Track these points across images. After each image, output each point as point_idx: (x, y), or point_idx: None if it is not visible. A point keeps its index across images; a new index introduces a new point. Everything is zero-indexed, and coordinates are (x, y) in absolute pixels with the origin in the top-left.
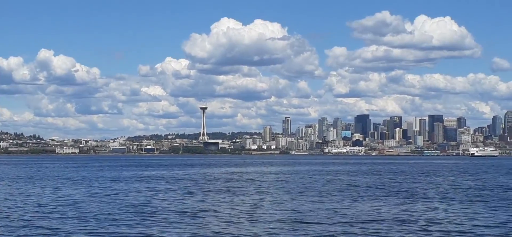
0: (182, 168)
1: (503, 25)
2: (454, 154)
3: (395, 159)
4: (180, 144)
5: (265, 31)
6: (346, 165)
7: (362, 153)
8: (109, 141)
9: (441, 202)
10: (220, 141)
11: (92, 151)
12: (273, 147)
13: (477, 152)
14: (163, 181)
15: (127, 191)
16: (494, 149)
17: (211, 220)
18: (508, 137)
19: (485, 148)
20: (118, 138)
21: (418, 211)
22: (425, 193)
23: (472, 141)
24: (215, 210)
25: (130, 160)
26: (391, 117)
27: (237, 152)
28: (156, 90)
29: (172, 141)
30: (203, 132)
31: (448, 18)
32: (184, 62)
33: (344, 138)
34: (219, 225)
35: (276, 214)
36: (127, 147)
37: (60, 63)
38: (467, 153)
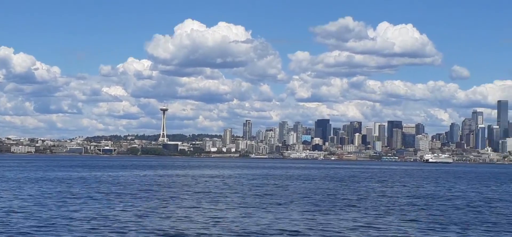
0: (127, 170)
1: (463, 34)
2: (412, 159)
3: (349, 164)
4: (138, 145)
5: (229, 34)
6: (294, 169)
7: (321, 157)
8: (66, 141)
9: (328, 210)
10: (179, 143)
11: (48, 150)
12: (233, 149)
13: (431, 158)
14: (85, 184)
15: (29, 195)
16: (448, 156)
17: (74, 226)
18: (465, 144)
19: (440, 154)
20: (75, 138)
21: (298, 219)
22: (332, 201)
23: (430, 147)
24: (92, 218)
25: (81, 161)
26: (351, 122)
27: (196, 154)
28: (117, 90)
29: (131, 142)
30: (163, 133)
31: (410, 25)
32: (147, 63)
33: (304, 142)
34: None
35: (150, 223)
36: (84, 147)
37: (20, 61)
38: (422, 159)
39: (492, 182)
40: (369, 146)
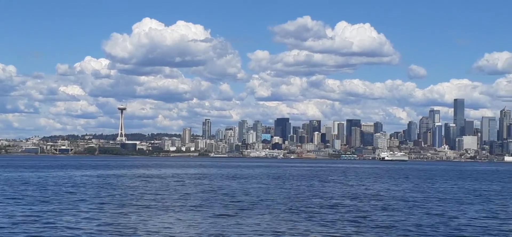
0: (64, 170)
1: (420, 34)
2: (370, 157)
3: (306, 162)
4: (96, 144)
5: (188, 32)
6: (245, 168)
7: (281, 156)
8: (22, 141)
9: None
10: (138, 142)
11: (3, 150)
12: (192, 148)
13: (387, 156)
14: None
15: None
16: (404, 154)
17: None
18: (422, 142)
19: (396, 152)
20: (31, 137)
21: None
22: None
23: (388, 146)
24: None
25: (32, 161)
26: (310, 121)
27: (155, 153)
28: (74, 89)
29: (88, 141)
30: (121, 132)
31: (367, 25)
32: (104, 62)
33: (264, 141)
34: None
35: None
36: (40, 147)
37: None
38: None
39: (436, 180)
40: (328, 144)
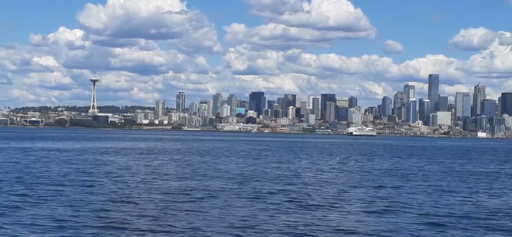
0: (22, 142)
1: (396, 9)
2: (344, 132)
3: (277, 136)
4: (67, 116)
5: (163, 4)
6: (208, 141)
7: (255, 130)
8: None
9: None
10: (110, 115)
11: None
12: (165, 122)
13: (355, 131)
14: None
15: None
16: (372, 129)
17: None
18: (397, 117)
19: (364, 127)
20: (2, 108)
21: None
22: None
23: (363, 121)
24: None
25: None
26: (285, 95)
27: (127, 126)
28: (48, 60)
29: (60, 113)
30: (93, 105)
31: None
32: (79, 32)
33: (238, 115)
34: None
35: None
36: (10, 118)
37: None
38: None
39: (382, 156)
40: (303, 119)
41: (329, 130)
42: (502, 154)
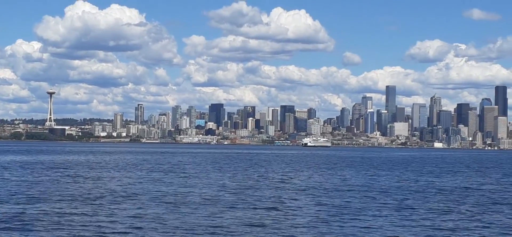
0: None
1: (354, 21)
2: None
3: (234, 148)
4: (24, 129)
5: (122, 16)
6: (149, 154)
7: (214, 142)
8: None
9: None
10: (67, 127)
11: None
12: (124, 134)
13: (309, 142)
14: None
15: None
16: (326, 140)
17: None
18: (355, 128)
19: (318, 138)
20: None
21: None
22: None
23: (322, 132)
24: None
25: None
26: (245, 107)
27: (84, 139)
28: (5, 73)
29: (16, 126)
30: (50, 117)
31: (303, 11)
32: (36, 45)
33: (198, 127)
34: None
35: None
36: None
37: None
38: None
39: (319, 168)
40: (262, 130)
41: (288, 141)
42: (440, 164)
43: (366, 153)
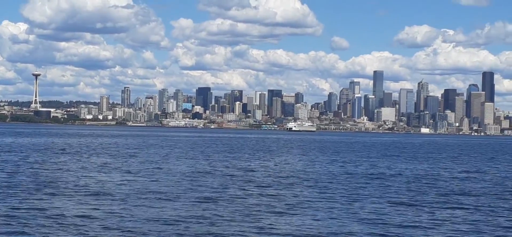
0: None
1: (342, 6)
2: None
3: (220, 132)
4: (8, 111)
5: None
6: (129, 137)
7: (201, 125)
8: None
9: None
10: (52, 110)
11: None
12: (110, 117)
13: (294, 127)
14: None
15: None
16: (311, 124)
17: None
18: (342, 113)
19: (303, 123)
20: None
21: None
22: None
23: (309, 116)
24: None
25: None
26: (232, 91)
27: (70, 121)
28: None
29: (1, 108)
30: (35, 99)
31: None
32: (23, 26)
33: (184, 110)
34: None
35: None
36: None
37: None
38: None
39: (310, 154)
40: (249, 114)
41: (276, 126)
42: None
43: (346, 138)
